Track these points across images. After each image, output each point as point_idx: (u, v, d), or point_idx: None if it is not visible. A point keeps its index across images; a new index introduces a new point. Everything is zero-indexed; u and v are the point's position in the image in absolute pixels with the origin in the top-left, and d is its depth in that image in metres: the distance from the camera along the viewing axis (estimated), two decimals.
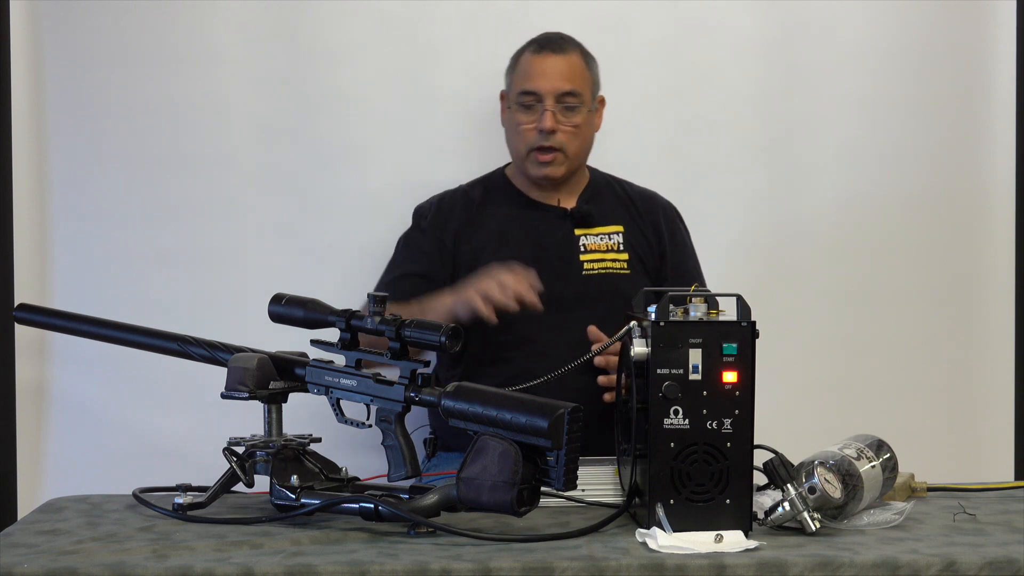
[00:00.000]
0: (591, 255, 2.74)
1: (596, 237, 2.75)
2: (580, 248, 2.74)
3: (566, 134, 2.70)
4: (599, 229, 2.76)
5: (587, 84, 2.74)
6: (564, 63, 2.73)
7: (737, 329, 1.97)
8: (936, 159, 3.17)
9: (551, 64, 2.72)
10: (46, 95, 3.02)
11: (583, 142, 2.75)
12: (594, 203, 2.78)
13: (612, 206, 2.80)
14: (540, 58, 2.74)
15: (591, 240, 2.75)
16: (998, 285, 3.19)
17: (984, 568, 1.80)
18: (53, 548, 1.90)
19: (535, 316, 2.65)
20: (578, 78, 2.73)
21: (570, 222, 2.75)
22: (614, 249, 2.75)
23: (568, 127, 2.70)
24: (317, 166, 3.06)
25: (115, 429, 3.02)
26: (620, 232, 2.76)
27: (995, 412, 3.20)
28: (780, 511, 1.96)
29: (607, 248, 2.75)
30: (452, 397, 2.02)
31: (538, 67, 2.73)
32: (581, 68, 2.74)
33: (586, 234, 2.75)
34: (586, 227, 2.75)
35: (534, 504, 1.98)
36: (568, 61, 2.73)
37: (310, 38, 3.06)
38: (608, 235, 2.76)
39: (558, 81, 2.70)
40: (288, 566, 1.79)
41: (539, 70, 2.72)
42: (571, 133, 2.71)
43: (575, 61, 2.74)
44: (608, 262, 2.74)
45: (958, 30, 3.16)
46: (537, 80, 2.71)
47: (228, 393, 2.16)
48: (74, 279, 3.03)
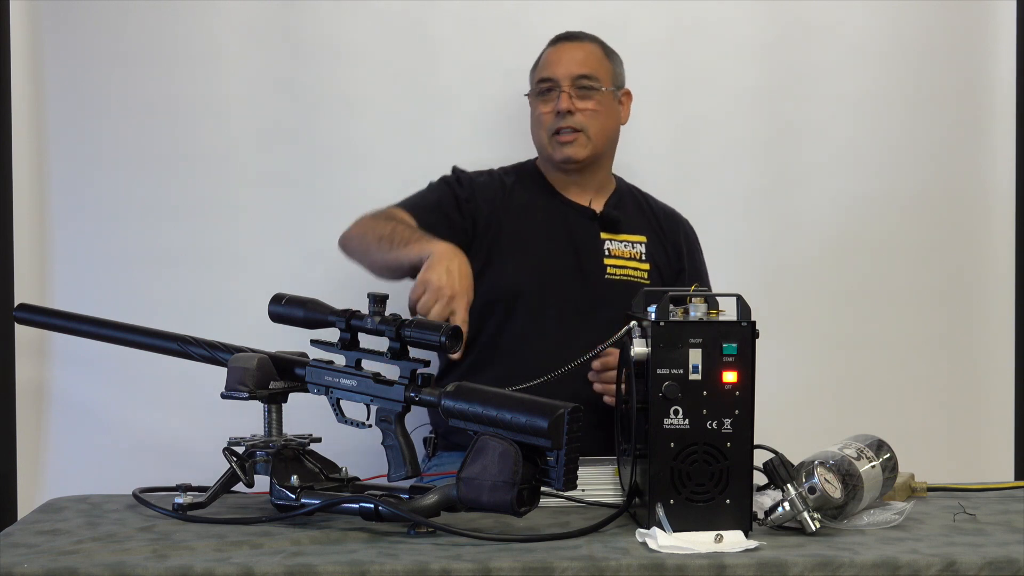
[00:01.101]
0: (615, 260, 2.73)
1: (621, 243, 2.75)
2: (605, 252, 2.74)
3: (585, 115, 2.71)
4: (624, 236, 2.76)
5: (605, 71, 2.76)
6: (579, 50, 2.76)
7: (737, 329, 1.97)
8: (936, 159, 3.17)
9: (566, 51, 2.77)
10: (46, 95, 3.03)
11: (603, 127, 2.75)
12: (621, 210, 2.79)
13: (637, 216, 2.81)
14: (556, 48, 2.79)
15: (616, 245, 2.75)
16: (998, 285, 3.19)
17: (984, 568, 1.80)
18: (53, 548, 1.90)
19: (550, 314, 2.66)
20: (594, 63, 2.75)
21: (597, 224, 2.76)
22: (637, 258, 2.75)
23: (586, 108, 2.71)
24: (317, 166, 3.06)
25: (115, 429, 3.02)
26: (643, 243, 2.77)
27: (995, 412, 3.20)
28: (780, 511, 1.96)
29: (630, 256, 2.75)
30: (452, 397, 2.02)
31: (554, 56, 2.77)
32: (598, 55, 2.77)
33: (611, 239, 2.75)
34: (612, 232, 2.76)
35: (534, 504, 1.98)
36: (583, 48, 2.77)
37: (310, 38, 3.06)
38: (632, 243, 2.76)
39: (573, 66, 2.73)
40: (288, 566, 1.79)
41: (555, 58, 2.76)
42: (590, 114, 2.72)
43: (591, 49, 2.77)
44: (630, 270, 2.74)
45: (958, 30, 3.17)
46: (553, 67, 2.75)
47: (228, 393, 2.16)
48: (74, 279, 3.03)
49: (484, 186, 2.77)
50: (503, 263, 2.69)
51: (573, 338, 2.57)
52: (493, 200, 2.75)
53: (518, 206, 2.76)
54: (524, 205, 2.76)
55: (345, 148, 3.06)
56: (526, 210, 2.76)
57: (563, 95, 2.71)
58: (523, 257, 2.70)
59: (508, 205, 2.76)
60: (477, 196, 2.74)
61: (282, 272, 3.01)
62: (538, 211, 2.76)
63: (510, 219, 2.74)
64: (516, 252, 2.70)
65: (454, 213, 2.71)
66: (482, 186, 2.77)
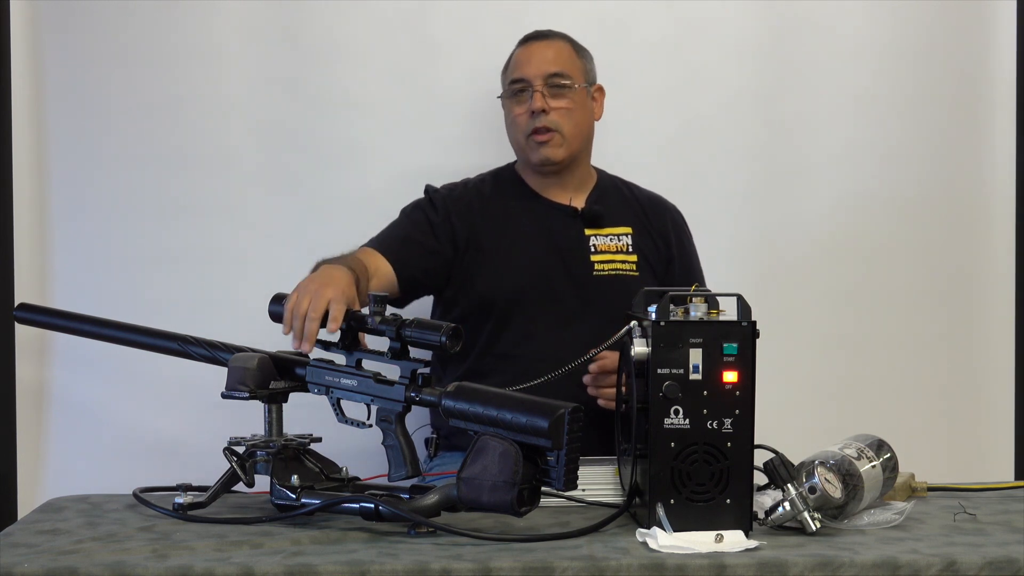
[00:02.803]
0: (601, 255, 2.73)
1: (606, 238, 2.74)
2: (591, 248, 2.73)
3: (559, 114, 2.70)
4: (609, 230, 2.75)
5: (576, 69, 2.75)
6: (549, 48, 2.75)
7: (737, 329, 1.97)
8: (936, 158, 3.17)
9: (537, 50, 2.75)
10: (46, 95, 3.02)
11: (578, 125, 2.73)
12: (603, 203, 2.77)
13: (621, 207, 2.79)
14: (526, 48, 2.77)
15: (601, 240, 2.74)
16: (998, 284, 3.19)
17: (984, 568, 1.80)
18: (53, 548, 1.90)
19: (542, 315, 2.66)
20: (565, 61, 2.74)
21: (580, 221, 2.75)
22: (623, 251, 2.74)
23: (559, 107, 2.70)
24: (317, 166, 3.06)
25: (115, 429, 3.02)
26: (629, 234, 2.76)
27: (995, 412, 3.20)
28: (780, 511, 1.96)
29: (617, 249, 2.74)
30: (452, 397, 2.02)
31: (525, 56, 2.76)
32: (568, 53, 2.76)
33: (596, 234, 2.74)
34: (596, 227, 2.75)
35: (534, 504, 1.98)
36: (554, 46, 2.75)
37: (310, 38, 3.06)
38: (618, 236, 2.75)
39: (544, 65, 2.72)
40: (288, 566, 1.79)
41: (525, 58, 2.75)
42: (564, 113, 2.70)
43: (561, 47, 2.76)
44: (618, 263, 2.73)
45: (958, 29, 3.16)
46: (524, 67, 2.73)
47: (228, 393, 2.16)
48: (74, 279, 3.03)
49: (458, 201, 2.75)
50: (490, 274, 2.69)
51: (569, 339, 2.57)
52: (470, 213, 2.73)
53: (498, 215, 2.75)
54: (504, 213, 2.75)
55: (345, 148, 3.06)
56: (506, 217, 2.75)
57: (536, 94, 2.69)
58: (509, 265, 2.69)
59: (487, 215, 2.74)
60: (452, 215, 2.72)
61: (282, 272, 2.99)
62: (519, 217, 2.75)
63: (491, 229, 2.73)
64: (501, 261, 2.69)
65: (429, 240, 2.69)
66: (456, 202, 2.75)
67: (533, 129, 2.70)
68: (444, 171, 2.88)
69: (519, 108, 2.72)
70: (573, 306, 2.68)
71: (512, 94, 2.74)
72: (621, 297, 2.58)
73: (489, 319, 2.66)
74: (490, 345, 2.67)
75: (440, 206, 2.73)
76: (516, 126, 2.74)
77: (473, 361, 2.67)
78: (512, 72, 2.76)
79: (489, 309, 2.66)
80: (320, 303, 2.14)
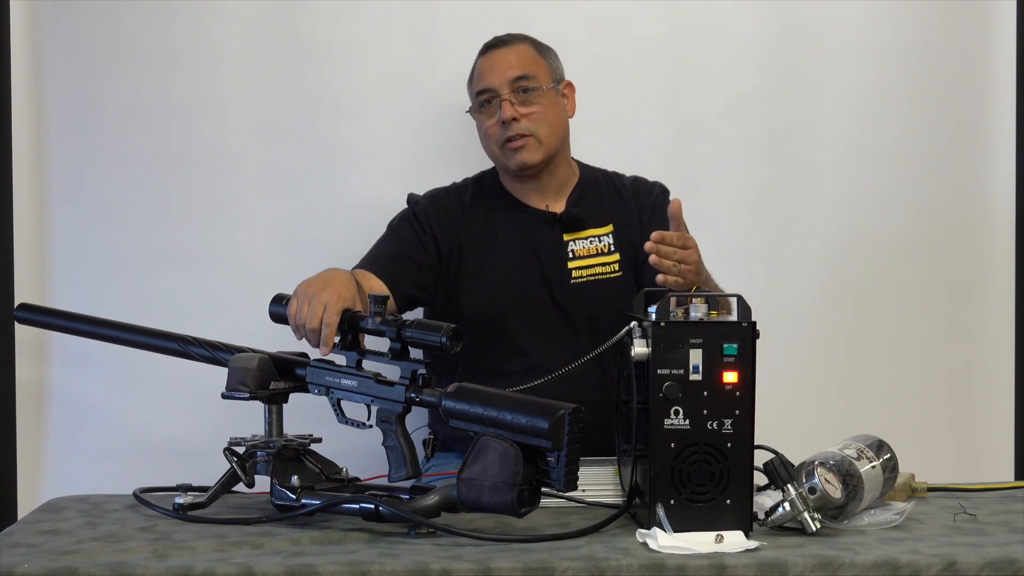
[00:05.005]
0: (579, 261, 2.71)
1: (586, 241, 2.73)
2: (568, 255, 2.71)
3: (530, 119, 2.68)
4: (589, 232, 2.73)
5: (541, 69, 2.72)
6: (511, 53, 2.73)
7: (738, 329, 1.97)
8: (936, 159, 3.17)
9: (498, 57, 2.73)
10: (46, 95, 3.02)
11: (551, 127, 2.71)
12: (584, 203, 2.75)
13: (602, 204, 2.77)
14: (488, 56, 2.75)
15: (580, 245, 2.72)
16: (998, 285, 3.19)
17: (984, 568, 1.80)
18: (53, 548, 1.90)
19: (527, 329, 2.65)
20: (528, 63, 2.71)
21: (559, 227, 2.73)
22: (604, 252, 2.73)
23: (529, 112, 2.68)
24: (317, 166, 3.06)
25: (115, 429, 3.02)
26: (610, 232, 2.74)
27: (995, 412, 3.20)
28: (780, 511, 1.96)
29: (596, 252, 2.72)
30: (453, 398, 2.02)
31: (487, 65, 2.73)
32: (531, 55, 2.73)
33: (575, 238, 2.72)
34: (576, 230, 2.73)
35: (534, 505, 1.98)
36: (515, 50, 2.73)
37: (310, 38, 3.06)
38: (598, 237, 2.73)
39: (508, 70, 2.70)
40: (288, 566, 1.79)
41: (488, 67, 2.73)
42: (536, 117, 2.68)
43: (523, 49, 2.74)
44: (597, 267, 2.71)
45: (958, 30, 3.16)
46: (488, 76, 2.72)
47: (229, 393, 2.16)
48: (74, 279, 3.03)
49: (441, 210, 2.74)
50: (471, 287, 2.69)
51: (553, 348, 2.57)
52: (453, 224, 2.73)
53: (478, 225, 2.74)
54: (484, 222, 2.74)
55: (345, 148, 3.06)
56: (487, 227, 2.74)
57: (504, 103, 2.67)
58: (489, 278, 2.69)
59: (468, 225, 2.74)
60: (435, 227, 2.71)
61: (282, 272, 2.99)
62: (499, 226, 2.74)
63: (472, 240, 2.72)
64: (482, 274, 2.69)
65: (419, 254, 2.69)
66: (439, 211, 2.74)
67: (507, 138, 2.68)
68: (442, 172, 2.88)
69: (489, 120, 2.71)
70: (553, 315, 2.68)
71: (480, 106, 2.72)
72: (600, 301, 2.58)
73: (473, 333, 2.64)
74: (478, 362, 2.65)
75: (424, 218, 2.73)
76: (489, 137, 2.72)
77: (460, 377, 2.65)
78: (477, 83, 2.74)
79: (473, 322, 2.62)
80: (318, 308, 2.15)
